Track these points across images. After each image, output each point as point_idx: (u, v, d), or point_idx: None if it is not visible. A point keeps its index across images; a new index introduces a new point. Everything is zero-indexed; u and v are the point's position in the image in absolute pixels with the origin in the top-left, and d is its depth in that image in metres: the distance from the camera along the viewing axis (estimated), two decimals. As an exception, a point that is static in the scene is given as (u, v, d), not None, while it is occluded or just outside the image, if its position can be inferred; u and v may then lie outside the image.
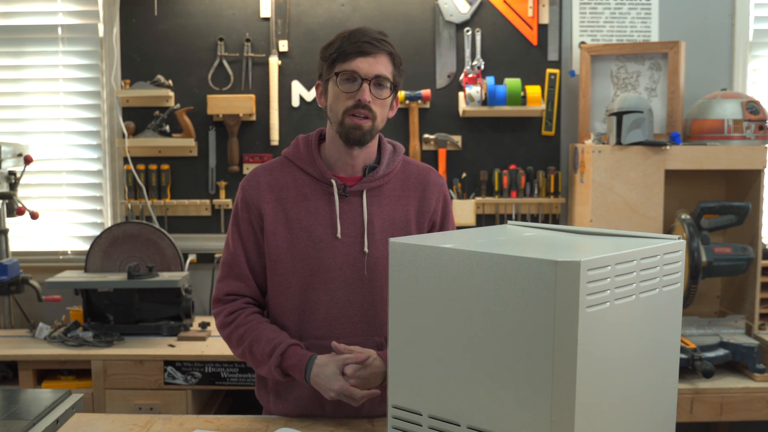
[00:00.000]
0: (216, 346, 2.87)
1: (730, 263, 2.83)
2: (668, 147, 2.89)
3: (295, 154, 1.75)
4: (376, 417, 1.74)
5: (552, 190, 3.30)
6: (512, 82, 3.22)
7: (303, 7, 3.31)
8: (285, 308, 1.73)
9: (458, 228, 1.76)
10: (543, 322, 1.12)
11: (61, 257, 3.44)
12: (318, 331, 1.71)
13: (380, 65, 1.63)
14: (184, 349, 2.86)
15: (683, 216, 2.88)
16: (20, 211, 3.05)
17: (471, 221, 3.28)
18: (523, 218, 3.31)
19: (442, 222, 1.80)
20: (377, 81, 1.64)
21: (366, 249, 1.69)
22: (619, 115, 2.92)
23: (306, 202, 1.71)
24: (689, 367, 2.70)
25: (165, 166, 3.35)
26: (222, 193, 3.36)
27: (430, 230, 1.78)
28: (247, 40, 3.31)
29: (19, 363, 2.84)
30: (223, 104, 3.27)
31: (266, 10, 3.30)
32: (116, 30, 3.32)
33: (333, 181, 1.70)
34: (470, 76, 3.27)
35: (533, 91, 3.24)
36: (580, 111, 3.22)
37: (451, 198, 3.29)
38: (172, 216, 3.39)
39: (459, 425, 1.25)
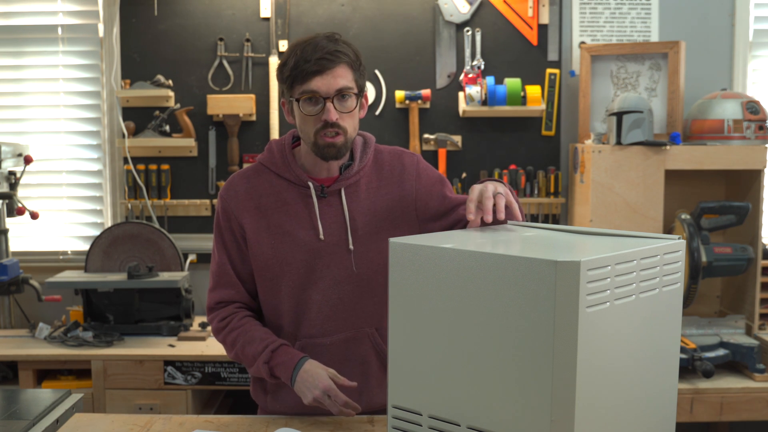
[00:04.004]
0: (216, 346, 2.87)
1: (730, 263, 2.83)
2: (668, 147, 2.89)
3: (269, 160, 1.74)
4: (375, 414, 1.74)
5: (552, 190, 3.30)
6: (512, 82, 3.22)
7: (303, 7, 3.31)
8: (278, 311, 1.74)
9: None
10: (543, 322, 1.12)
11: (61, 257, 3.45)
12: (312, 330, 1.72)
13: (339, 78, 1.59)
14: (184, 349, 2.86)
15: (683, 216, 2.88)
16: (20, 211, 3.05)
17: (471, 221, 3.27)
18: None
19: (438, 193, 1.74)
20: (339, 95, 1.61)
21: (351, 246, 1.70)
22: (619, 115, 2.93)
23: (286, 206, 1.70)
24: (689, 367, 2.70)
25: (165, 166, 3.35)
26: (222, 193, 3.36)
27: (426, 207, 1.74)
28: (247, 40, 3.31)
29: (19, 363, 2.84)
30: (223, 104, 3.28)
31: (266, 10, 3.30)
32: (116, 30, 3.32)
33: (310, 184, 1.70)
34: (470, 76, 3.27)
35: (533, 91, 3.24)
36: (580, 111, 3.22)
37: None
38: (172, 216, 3.39)
39: (459, 425, 1.25)
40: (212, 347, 2.87)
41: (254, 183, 1.73)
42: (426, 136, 3.31)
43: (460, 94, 3.29)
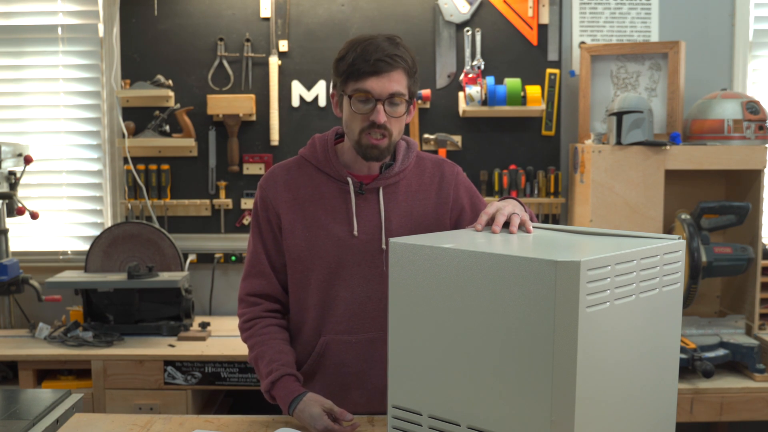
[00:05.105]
0: (216, 346, 2.87)
1: (730, 263, 2.83)
2: (668, 147, 2.89)
3: (311, 154, 1.76)
4: (376, 414, 1.74)
5: (552, 190, 3.31)
6: (512, 82, 3.22)
7: (303, 7, 3.31)
8: (305, 304, 1.75)
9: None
10: (543, 322, 1.12)
11: (61, 257, 3.44)
12: (338, 326, 1.73)
13: (394, 83, 1.61)
14: (184, 349, 2.86)
15: (683, 216, 2.88)
16: (20, 211, 3.05)
17: (471, 221, 3.27)
18: (523, 218, 3.30)
19: (472, 208, 1.78)
20: (391, 99, 1.62)
21: (384, 245, 1.71)
22: (619, 115, 2.92)
23: (323, 200, 1.72)
24: (689, 367, 2.70)
25: (165, 166, 3.35)
26: (222, 193, 3.36)
27: (459, 218, 1.77)
28: (247, 40, 3.31)
29: (19, 363, 2.84)
30: (223, 104, 3.27)
31: (266, 10, 3.30)
32: (116, 30, 3.32)
33: (349, 179, 1.71)
34: (470, 76, 3.27)
35: (533, 91, 3.24)
36: (580, 111, 3.22)
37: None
38: (172, 216, 3.39)
39: (459, 425, 1.25)
40: (212, 347, 2.87)
41: (294, 175, 1.75)
42: (426, 136, 3.31)
43: (460, 94, 3.29)
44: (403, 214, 1.73)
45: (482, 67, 3.29)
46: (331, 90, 1.74)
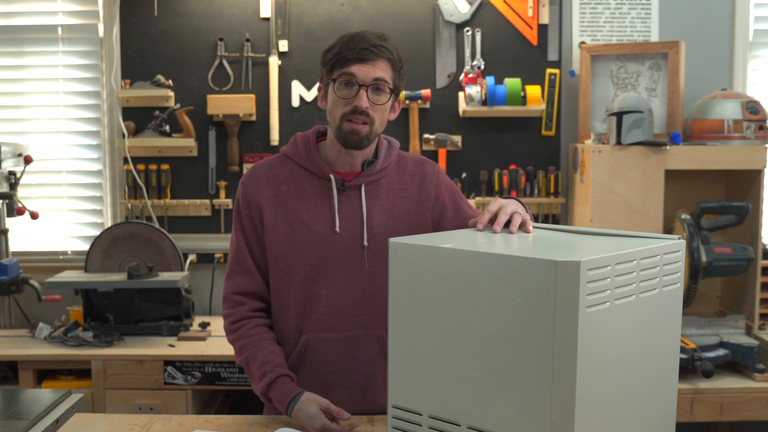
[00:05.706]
0: (216, 346, 2.87)
1: (730, 263, 2.83)
2: (668, 147, 2.89)
3: (293, 152, 1.77)
4: (379, 414, 1.74)
5: (552, 190, 3.30)
6: (512, 82, 3.22)
7: (303, 7, 3.31)
8: (286, 302, 1.75)
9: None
10: (543, 322, 1.12)
11: (61, 257, 3.44)
12: (319, 324, 1.73)
13: (378, 70, 1.64)
14: (184, 349, 2.86)
15: (683, 216, 2.88)
16: (20, 211, 3.05)
17: (471, 221, 3.27)
18: (523, 218, 3.30)
19: (454, 205, 1.78)
20: (375, 86, 1.64)
21: (365, 242, 1.70)
22: (619, 115, 2.93)
23: (305, 197, 1.72)
24: (689, 367, 2.70)
25: (165, 166, 3.35)
26: (222, 193, 3.36)
27: (441, 216, 1.77)
28: (247, 40, 3.31)
29: (19, 363, 2.84)
30: (223, 104, 3.28)
31: (266, 10, 3.30)
32: (116, 30, 3.32)
33: (331, 176, 1.71)
34: (470, 76, 3.27)
35: (533, 91, 3.24)
36: (580, 111, 3.22)
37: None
38: (172, 216, 3.39)
39: (459, 425, 1.25)
40: (212, 347, 2.87)
41: (276, 172, 1.76)
42: (426, 136, 3.31)
43: (460, 94, 3.29)
44: (385, 211, 1.73)
45: (482, 67, 3.29)
46: (318, 84, 1.75)
